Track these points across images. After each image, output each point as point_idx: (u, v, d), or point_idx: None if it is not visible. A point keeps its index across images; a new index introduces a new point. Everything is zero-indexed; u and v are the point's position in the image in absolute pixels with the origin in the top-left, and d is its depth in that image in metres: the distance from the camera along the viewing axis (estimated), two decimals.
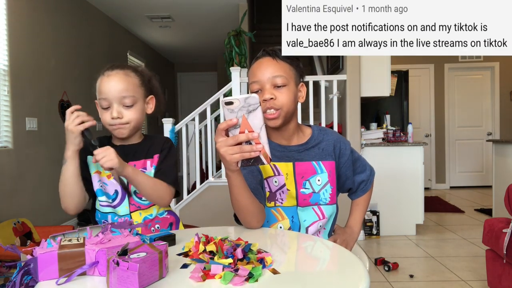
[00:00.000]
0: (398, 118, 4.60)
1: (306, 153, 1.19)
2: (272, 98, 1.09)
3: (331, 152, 1.21)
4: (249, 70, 1.18)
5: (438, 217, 4.45)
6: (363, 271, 0.77)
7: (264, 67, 1.12)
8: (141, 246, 0.73)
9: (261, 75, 1.11)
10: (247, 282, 0.70)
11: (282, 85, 1.10)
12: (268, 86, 1.10)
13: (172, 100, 8.61)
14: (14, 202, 3.21)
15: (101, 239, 0.78)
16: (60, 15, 4.09)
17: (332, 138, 1.23)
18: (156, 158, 1.22)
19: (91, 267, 0.73)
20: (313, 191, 1.18)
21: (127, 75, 1.17)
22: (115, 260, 0.66)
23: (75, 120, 1.03)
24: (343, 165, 1.24)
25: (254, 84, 1.13)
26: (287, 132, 1.18)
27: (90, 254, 0.74)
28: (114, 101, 1.13)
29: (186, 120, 3.80)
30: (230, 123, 0.84)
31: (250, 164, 0.89)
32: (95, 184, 1.18)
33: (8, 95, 3.22)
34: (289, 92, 1.12)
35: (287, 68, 1.13)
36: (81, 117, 1.04)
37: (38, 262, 0.71)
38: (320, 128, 1.26)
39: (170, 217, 1.26)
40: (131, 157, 1.20)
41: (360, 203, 1.34)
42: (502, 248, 2.03)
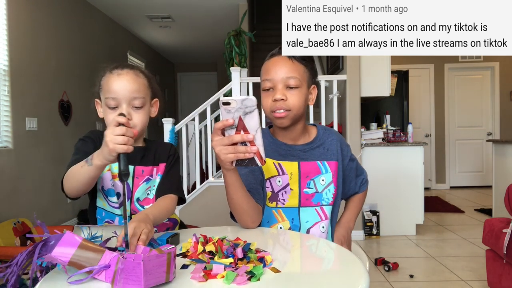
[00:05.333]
0: (398, 118, 4.61)
1: (311, 153, 1.19)
2: (283, 99, 1.08)
3: (335, 152, 1.21)
4: (263, 66, 1.16)
5: (438, 217, 4.45)
6: (363, 271, 0.77)
7: (279, 66, 1.10)
8: (151, 251, 0.72)
9: (274, 73, 1.10)
10: (249, 281, 0.70)
11: (294, 87, 1.09)
12: (281, 86, 1.09)
13: (172, 100, 8.61)
14: (14, 202, 3.21)
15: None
16: (60, 15, 4.09)
17: (336, 139, 1.23)
18: (162, 167, 1.19)
19: (101, 270, 0.72)
20: (316, 191, 1.18)
21: (137, 75, 1.13)
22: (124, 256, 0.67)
23: (118, 138, 0.81)
24: (347, 167, 1.25)
25: (267, 82, 1.11)
26: (294, 133, 1.17)
27: (106, 257, 0.73)
28: (124, 101, 1.08)
29: (186, 120, 3.80)
30: (226, 123, 0.84)
31: (245, 165, 0.89)
32: (107, 183, 1.13)
33: (8, 95, 3.22)
34: (300, 94, 1.10)
35: (301, 70, 1.12)
36: (126, 138, 0.82)
37: (62, 238, 0.71)
38: (324, 128, 1.26)
39: (169, 222, 1.25)
40: (138, 162, 1.16)
41: (357, 201, 1.35)
42: (502, 248, 2.03)
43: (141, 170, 1.16)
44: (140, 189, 1.16)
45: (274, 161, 1.17)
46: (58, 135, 3.94)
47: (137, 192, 1.15)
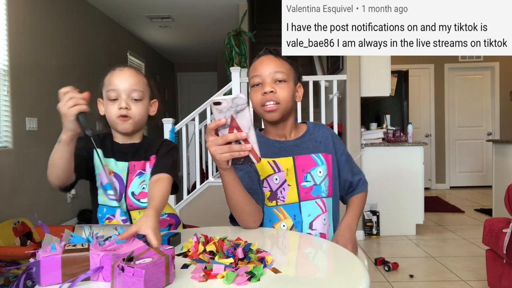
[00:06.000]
0: (398, 118, 4.61)
1: (303, 146, 1.21)
2: (272, 91, 1.13)
3: (327, 146, 1.24)
4: (251, 67, 1.21)
5: (438, 217, 4.45)
6: (363, 271, 0.77)
7: (266, 63, 1.16)
8: (147, 252, 0.72)
9: (262, 70, 1.15)
10: (249, 282, 0.70)
11: (282, 80, 1.14)
12: (269, 80, 1.14)
13: (172, 100, 8.61)
14: (14, 202, 3.21)
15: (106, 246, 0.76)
16: (60, 15, 4.09)
17: (328, 132, 1.27)
18: (153, 159, 1.22)
19: (96, 273, 0.71)
20: (315, 183, 1.19)
21: (137, 73, 1.21)
22: (120, 266, 0.65)
23: (68, 103, 0.92)
24: (340, 159, 1.27)
25: (255, 78, 1.16)
26: (284, 129, 1.21)
27: (94, 259, 0.72)
28: (123, 93, 1.15)
29: (186, 120, 3.80)
30: (218, 123, 0.85)
31: (241, 163, 0.90)
32: (104, 178, 1.17)
33: (8, 95, 3.22)
34: (288, 88, 1.15)
35: (287, 67, 1.17)
36: (75, 99, 0.92)
37: (40, 266, 0.69)
38: (314, 123, 1.30)
39: (170, 219, 1.26)
40: (131, 157, 1.21)
41: (358, 202, 1.33)
42: (502, 248, 2.03)
43: (133, 165, 1.20)
44: (133, 184, 1.19)
45: (269, 160, 1.18)
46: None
47: (131, 187, 1.19)
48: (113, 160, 1.19)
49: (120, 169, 1.19)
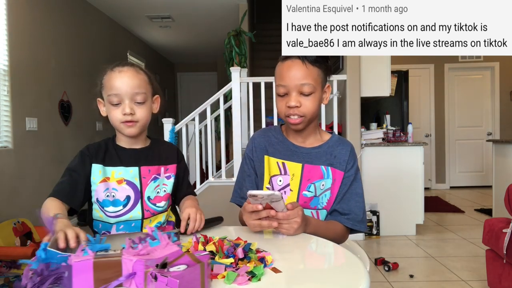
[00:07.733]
0: (398, 118, 4.60)
1: (316, 157, 1.19)
2: (297, 106, 1.10)
3: (343, 163, 1.19)
4: (277, 69, 1.16)
5: (438, 217, 4.45)
6: (363, 271, 0.77)
7: (293, 72, 1.11)
8: (182, 257, 0.69)
9: (288, 79, 1.11)
10: (250, 281, 0.70)
11: (309, 93, 1.11)
12: (295, 93, 1.11)
13: (172, 100, 8.61)
14: (14, 202, 3.21)
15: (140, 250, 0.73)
16: (60, 15, 4.09)
17: (349, 150, 1.21)
18: (172, 168, 1.22)
19: (128, 279, 0.68)
20: (315, 194, 1.17)
21: (137, 72, 1.15)
22: (153, 274, 0.62)
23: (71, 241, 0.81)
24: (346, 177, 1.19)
25: (281, 88, 1.13)
26: (305, 132, 1.20)
27: (127, 265, 0.69)
28: (126, 97, 1.11)
29: (186, 120, 3.80)
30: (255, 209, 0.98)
31: None
32: (101, 195, 1.14)
33: (8, 95, 3.22)
34: (314, 99, 1.12)
35: (315, 74, 1.12)
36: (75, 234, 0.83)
37: (73, 270, 0.66)
38: (340, 138, 1.26)
39: (168, 226, 1.24)
40: (143, 161, 1.18)
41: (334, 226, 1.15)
42: (502, 248, 2.03)
43: (148, 170, 1.18)
44: (149, 188, 1.18)
45: (278, 160, 1.18)
46: (58, 135, 3.94)
47: (146, 191, 1.17)
48: (122, 168, 1.16)
49: (132, 175, 1.16)
